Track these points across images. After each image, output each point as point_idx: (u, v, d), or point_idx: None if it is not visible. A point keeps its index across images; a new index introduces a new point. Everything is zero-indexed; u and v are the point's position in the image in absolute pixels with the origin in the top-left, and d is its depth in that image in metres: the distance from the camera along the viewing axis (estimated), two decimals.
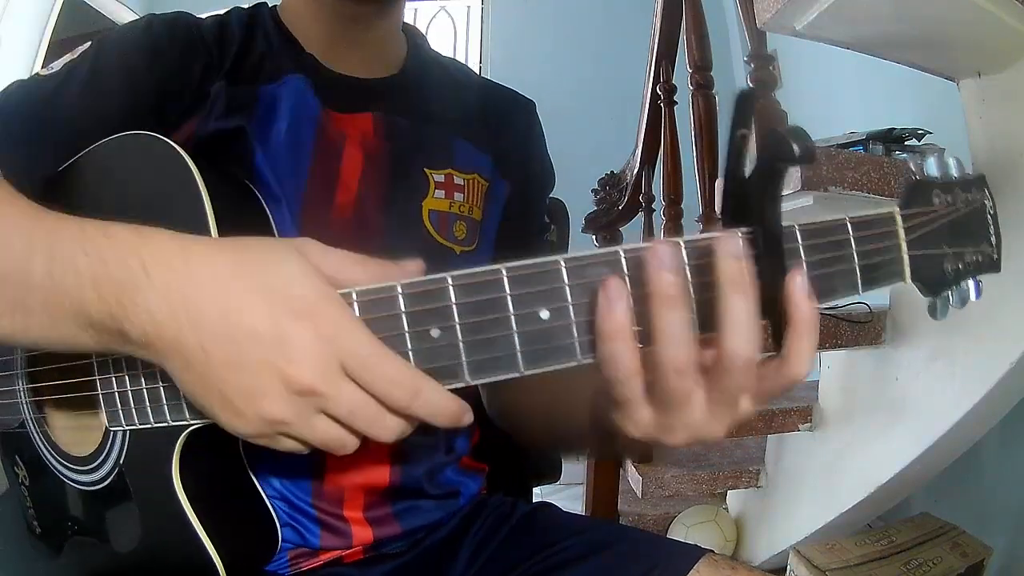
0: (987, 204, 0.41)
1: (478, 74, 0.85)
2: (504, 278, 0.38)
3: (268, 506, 0.58)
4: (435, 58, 0.79)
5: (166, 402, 0.47)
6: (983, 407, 1.15)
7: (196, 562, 0.51)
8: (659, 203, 2.02)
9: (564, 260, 0.38)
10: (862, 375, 1.47)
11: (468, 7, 3.74)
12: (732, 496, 1.90)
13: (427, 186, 0.69)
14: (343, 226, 0.65)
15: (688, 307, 0.37)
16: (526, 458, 0.95)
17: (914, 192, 0.40)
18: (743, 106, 0.35)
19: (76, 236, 0.41)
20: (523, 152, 0.78)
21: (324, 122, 0.66)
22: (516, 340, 0.38)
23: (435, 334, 0.39)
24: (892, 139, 1.34)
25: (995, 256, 0.41)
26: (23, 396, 0.62)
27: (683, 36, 1.88)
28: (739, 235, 0.37)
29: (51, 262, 0.40)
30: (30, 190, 0.56)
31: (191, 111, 0.63)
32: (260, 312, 0.38)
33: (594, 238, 2.25)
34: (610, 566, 0.62)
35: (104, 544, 0.58)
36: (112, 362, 0.50)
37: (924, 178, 0.41)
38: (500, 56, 3.56)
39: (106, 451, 0.55)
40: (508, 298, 0.38)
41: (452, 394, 0.40)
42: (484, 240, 0.73)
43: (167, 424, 0.48)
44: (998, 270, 0.41)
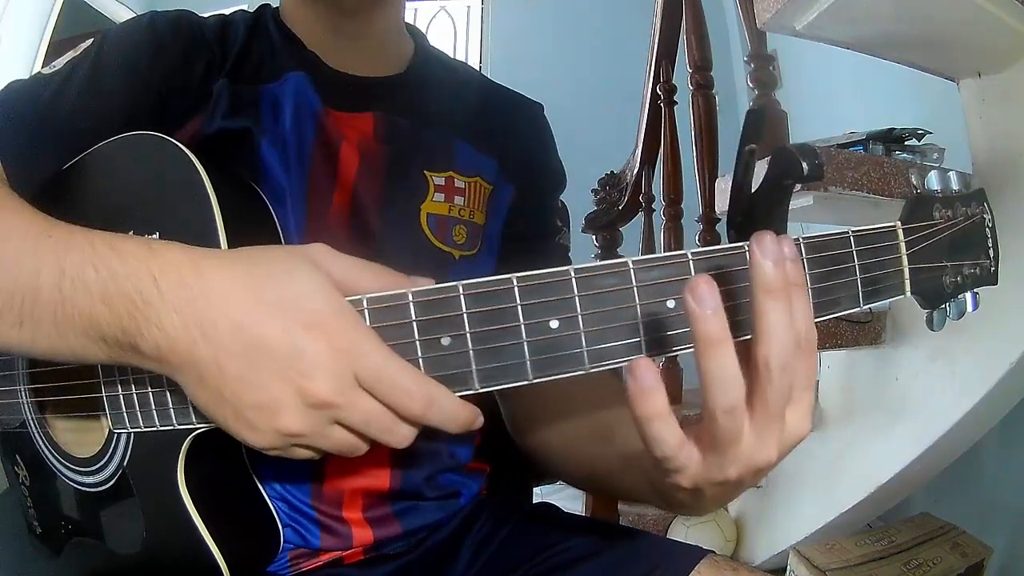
0: (986, 218, 0.41)
1: (485, 77, 0.84)
2: (515, 288, 0.38)
3: (270, 507, 0.58)
4: (442, 59, 0.79)
5: (172, 406, 0.47)
6: (983, 407, 1.15)
7: (200, 564, 0.51)
8: (659, 203, 2.03)
9: (574, 271, 0.38)
10: (862, 375, 1.47)
11: (468, 7, 3.74)
12: None
13: (426, 189, 0.68)
14: (342, 227, 0.65)
15: (732, 345, 0.35)
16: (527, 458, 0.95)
17: (916, 206, 0.41)
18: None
19: (85, 250, 0.40)
20: (529, 155, 0.77)
21: (324, 120, 0.66)
22: (526, 349, 0.39)
23: (445, 342, 0.39)
24: (892, 139, 1.33)
25: (993, 269, 0.42)
26: (24, 396, 0.61)
27: (683, 36, 1.89)
28: (776, 239, 0.34)
29: (60, 276, 0.40)
30: (34, 189, 0.56)
31: (194, 110, 0.63)
32: (274, 326, 0.38)
33: (594, 238, 2.25)
34: (611, 567, 0.62)
35: (106, 545, 0.58)
36: (117, 366, 0.49)
37: (925, 192, 0.41)
38: (500, 56, 3.56)
39: (109, 453, 0.54)
40: (518, 308, 0.38)
41: (464, 401, 0.40)
42: (486, 244, 0.72)
43: (173, 428, 0.47)
44: (995, 283, 0.42)
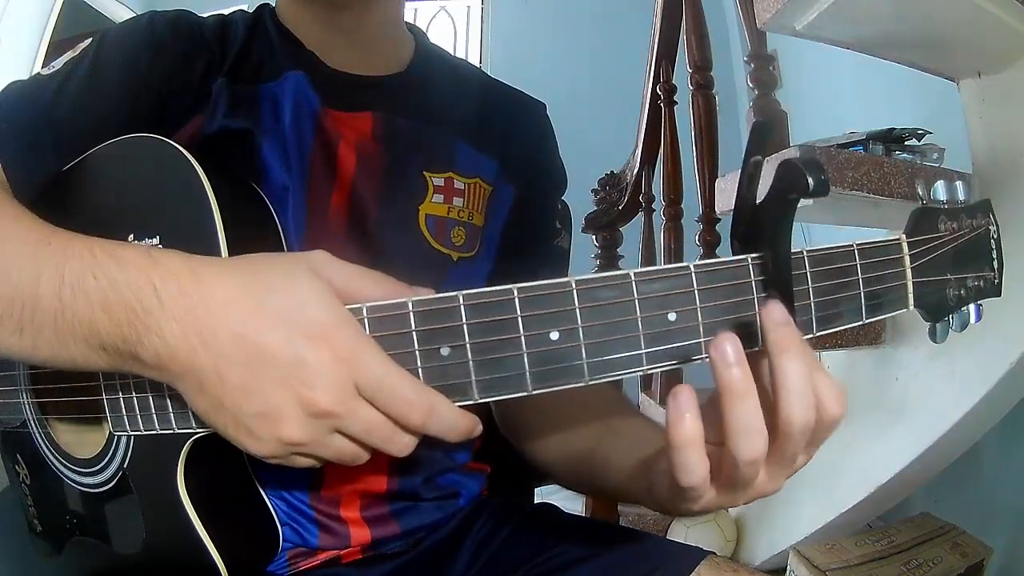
0: (992, 229, 0.41)
1: (487, 75, 0.83)
2: (515, 299, 0.38)
3: (270, 510, 0.58)
4: (443, 57, 0.78)
5: (172, 411, 0.47)
6: (983, 407, 1.15)
7: (199, 565, 0.52)
8: (659, 203, 2.03)
9: (575, 282, 0.38)
10: (862, 375, 1.46)
11: (468, 7, 3.74)
12: None
13: (425, 190, 0.68)
14: (341, 228, 0.65)
15: (756, 396, 0.36)
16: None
17: (921, 219, 0.40)
18: (758, 133, 0.35)
19: (84, 258, 0.40)
20: (531, 156, 0.77)
21: (323, 120, 0.66)
22: (526, 360, 0.39)
23: (445, 352, 0.39)
24: (892, 139, 1.33)
25: (996, 281, 0.41)
26: (25, 396, 0.61)
27: (683, 36, 1.88)
28: (780, 303, 0.36)
29: (60, 284, 0.40)
30: (35, 190, 0.56)
31: (194, 110, 0.63)
32: (275, 336, 0.38)
33: (594, 238, 2.25)
34: (611, 568, 0.62)
35: (106, 545, 0.58)
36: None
37: (931, 203, 0.41)
38: (500, 56, 3.56)
39: (110, 454, 0.55)
40: (519, 319, 0.38)
41: (464, 410, 0.41)
42: (485, 246, 0.72)
43: (173, 431, 0.48)
44: (999, 295, 0.41)
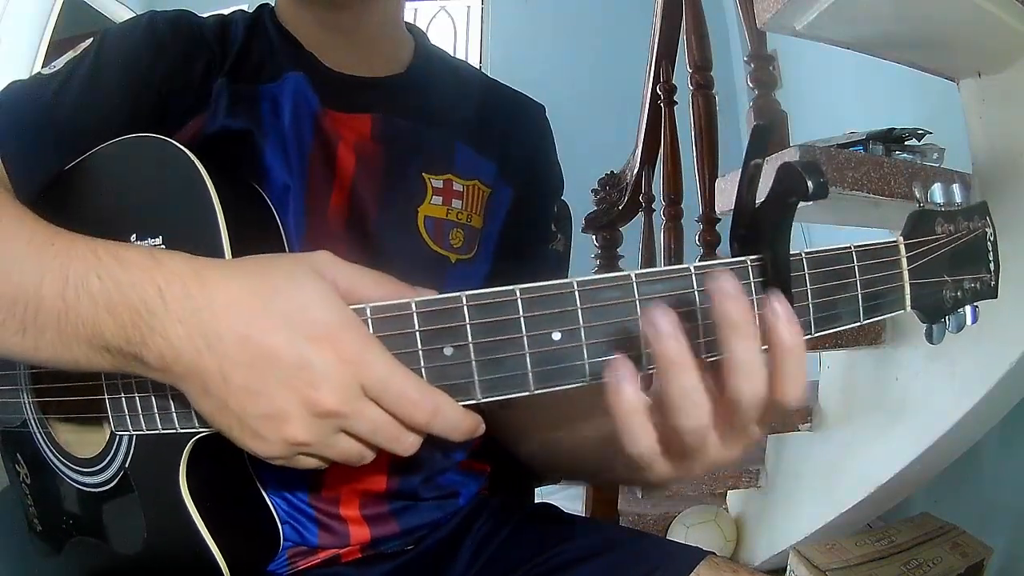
0: (988, 232, 0.41)
1: (487, 76, 0.83)
2: (518, 299, 0.39)
3: (271, 509, 0.58)
4: (443, 58, 0.78)
5: (175, 410, 0.47)
6: (983, 407, 1.15)
7: (200, 564, 0.52)
8: (659, 203, 2.03)
9: (577, 283, 0.39)
10: (862, 375, 1.46)
11: (468, 7, 3.74)
12: (732, 496, 1.90)
13: (424, 192, 0.68)
14: (340, 228, 0.65)
15: (698, 370, 0.37)
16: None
17: (918, 221, 0.41)
18: (759, 137, 0.36)
19: (88, 259, 0.40)
20: (530, 158, 0.76)
21: (322, 121, 0.66)
22: (528, 360, 0.39)
23: (448, 352, 0.40)
24: (892, 139, 1.33)
25: (993, 283, 0.42)
26: (25, 396, 0.61)
27: (683, 36, 1.88)
28: (732, 273, 0.37)
29: (64, 285, 0.40)
30: (36, 189, 0.56)
31: (195, 109, 0.63)
32: (279, 337, 0.38)
33: (594, 238, 2.25)
34: (610, 568, 0.62)
35: (106, 544, 0.58)
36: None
37: (928, 205, 0.41)
38: (500, 56, 3.56)
39: (111, 454, 0.55)
40: (521, 319, 0.39)
41: (468, 410, 0.41)
42: (483, 248, 0.72)
43: (175, 431, 0.48)
44: (995, 296, 0.42)
